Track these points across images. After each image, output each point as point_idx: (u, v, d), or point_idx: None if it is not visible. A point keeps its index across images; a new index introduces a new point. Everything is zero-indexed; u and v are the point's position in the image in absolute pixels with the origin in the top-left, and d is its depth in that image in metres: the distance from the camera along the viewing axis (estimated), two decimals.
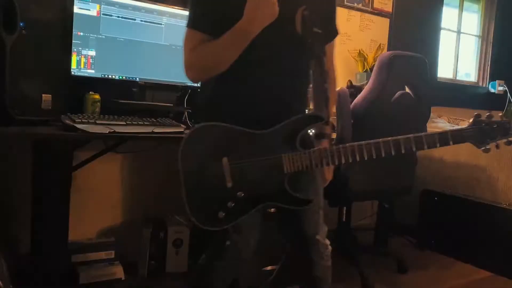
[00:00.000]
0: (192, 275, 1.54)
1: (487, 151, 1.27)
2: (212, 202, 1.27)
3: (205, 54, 1.31)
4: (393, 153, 1.29)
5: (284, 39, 1.32)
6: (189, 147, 1.27)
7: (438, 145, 1.26)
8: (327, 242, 1.47)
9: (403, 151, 1.29)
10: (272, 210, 1.68)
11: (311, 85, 1.39)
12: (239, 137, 1.27)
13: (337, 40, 1.53)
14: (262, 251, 1.99)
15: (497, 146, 1.27)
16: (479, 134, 1.26)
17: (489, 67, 4.37)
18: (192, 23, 1.35)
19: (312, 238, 1.41)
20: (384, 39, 3.43)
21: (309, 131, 1.37)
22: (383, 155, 1.28)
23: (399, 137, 1.29)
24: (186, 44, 1.36)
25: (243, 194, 1.26)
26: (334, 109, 1.43)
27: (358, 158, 1.26)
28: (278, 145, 1.27)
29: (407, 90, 2.33)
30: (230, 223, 1.28)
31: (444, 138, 1.26)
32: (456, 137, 1.26)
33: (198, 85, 2.17)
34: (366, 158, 1.27)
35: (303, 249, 1.43)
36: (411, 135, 1.28)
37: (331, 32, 1.47)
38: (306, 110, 1.42)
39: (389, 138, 1.28)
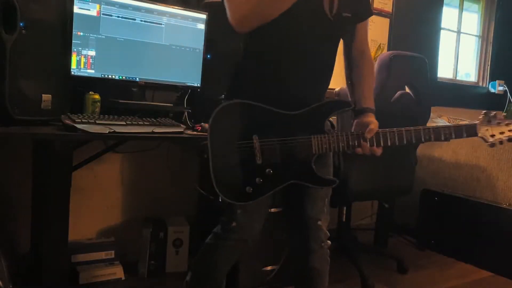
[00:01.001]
0: (197, 254, 1.54)
1: (492, 145, 1.33)
2: (240, 178, 1.31)
3: None
4: (413, 141, 1.34)
5: (313, 23, 1.33)
6: (218, 124, 1.31)
7: (453, 136, 1.34)
8: (328, 234, 1.48)
9: (423, 141, 1.35)
10: (273, 210, 1.70)
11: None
12: (268, 116, 1.31)
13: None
14: (262, 251, 2.00)
15: (501, 142, 1.33)
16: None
17: (489, 67, 4.37)
18: None
19: (313, 222, 1.43)
20: (384, 39, 3.43)
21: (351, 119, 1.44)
22: (404, 142, 1.33)
23: (421, 127, 1.35)
24: None
25: (271, 171, 1.31)
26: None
27: (382, 143, 1.34)
28: (306, 127, 1.32)
29: (407, 90, 2.33)
30: (256, 198, 1.32)
31: (459, 131, 1.33)
32: (470, 130, 1.34)
33: (198, 85, 2.18)
34: (389, 144, 1.34)
35: (303, 235, 1.44)
36: (430, 127, 1.35)
37: (363, 12, 1.46)
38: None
39: (412, 128, 1.34)
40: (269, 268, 2.10)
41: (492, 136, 1.33)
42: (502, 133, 1.33)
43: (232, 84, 1.47)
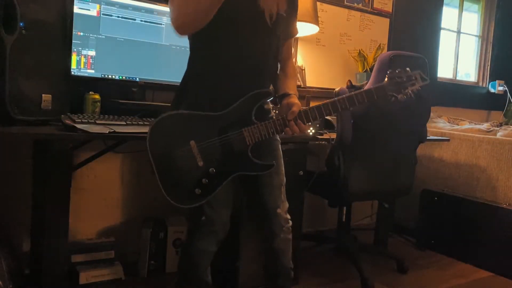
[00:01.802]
0: (179, 259, 1.68)
1: (402, 98, 1.48)
2: (187, 182, 1.42)
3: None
4: (332, 112, 1.46)
5: (254, 32, 1.45)
6: (156, 137, 1.41)
7: (366, 100, 1.45)
8: (288, 216, 1.61)
9: (340, 110, 1.46)
10: None
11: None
12: (201, 121, 1.43)
13: (337, 40, 1.61)
14: (262, 251, 2.00)
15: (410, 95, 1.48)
16: (395, 86, 1.47)
17: (489, 67, 4.37)
18: None
19: (273, 211, 1.56)
20: (384, 39, 3.43)
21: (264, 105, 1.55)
22: (325, 115, 1.47)
23: (336, 98, 1.46)
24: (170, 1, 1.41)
25: (214, 170, 1.42)
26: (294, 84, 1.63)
27: (305, 121, 1.45)
28: (237, 122, 1.43)
29: None
30: (207, 197, 1.43)
31: (370, 94, 1.45)
32: (379, 91, 1.46)
33: None
34: (312, 120, 1.46)
35: (265, 222, 1.58)
36: (343, 96, 1.46)
37: (293, 29, 1.62)
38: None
39: (328, 101, 1.46)
40: None
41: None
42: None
43: (177, 92, 1.56)
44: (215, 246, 1.58)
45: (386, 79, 1.47)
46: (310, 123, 1.57)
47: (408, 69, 1.49)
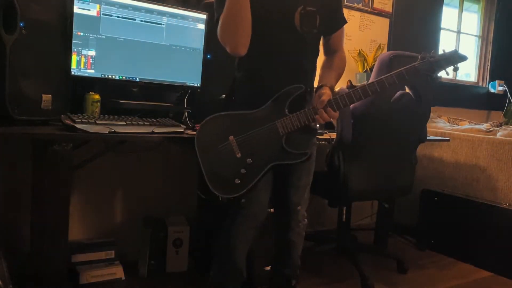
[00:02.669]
0: (216, 244, 1.74)
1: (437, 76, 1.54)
2: (228, 174, 1.53)
3: (222, 21, 1.50)
4: (363, 97, 1.51)
5: (285, 34, 1.56)
6: (201, 137, 1.56)
7: (396, 81, 1.49)
8: (305, 214, 1.74)
9: (370, 94, 1.51)
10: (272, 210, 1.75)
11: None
12: (239, 118, 1.56)
13: None
14: (262, 251, 2.00)
15: (447, 73, 1.54)
16: (428, 65, 1.50)
17: (489, 67, 4.37)
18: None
19: (294, 206, 1.69)
20: (384, 39, 3.43)
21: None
22: (355, 100, 1.52)
23: (365, 83, 1.53)
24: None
25: (251, 161, 1.52)
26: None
27: (335, 108, 1.50)
28: (271, 116, 1.54)
29: (407, 90, 2.33)
30: (247, 186, 1.53)
31: (401, 75, 1.50)
32: (410, 71, 1.50)
33: (198, 85, 2.18)
34: (342, 106, 1.51)
35: (285, 216, 1.71)
36: (373, 81, 1.52)
37: (335, 23, 1.72)
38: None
39: (358, 86, 1.53)
40: (269, 268, 2.10)
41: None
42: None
43: (231, 86, 1.71)
44: (253, 230, 1.66)
45: (418, 60, 1.51)
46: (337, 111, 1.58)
47: (444, 49, 1.53)
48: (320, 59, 1.73)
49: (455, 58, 1.51)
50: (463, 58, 1.51)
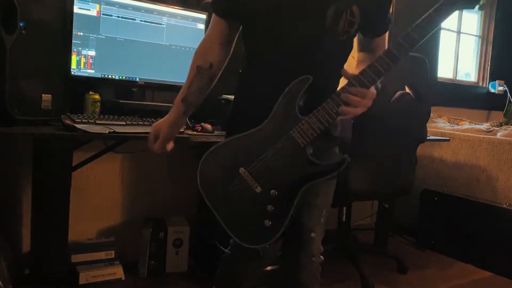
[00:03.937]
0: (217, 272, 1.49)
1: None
2: (253, 218, 1.19)
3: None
4: (386, 70, 1.22)
5: (312, 35, 1.23)
6: (205, 180, 1.24)
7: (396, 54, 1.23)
8: (321, 249, 1.36)
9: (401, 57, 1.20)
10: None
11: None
12: (244, 143, 1.21)
13: None
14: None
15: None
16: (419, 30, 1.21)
17: (489, 67, 4.37)
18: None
19: (307, 233, 1.30)
20: None
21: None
22: (383, 72, 1.21)
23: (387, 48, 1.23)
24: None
25: (276, 193, 1.17)
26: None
27: (366, 84, 1.18)
28: (282, 126, 1.16)
29: (407, 90, 2.33)
30: (282, 225, 1.16)
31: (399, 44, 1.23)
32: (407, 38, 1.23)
33: None
34: (375, 79, 1.21)
35: (294, 245, 1.32)
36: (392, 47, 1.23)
37: (380, 26, 1.41)
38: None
39: (381, 54, 1.23)
40: (269, 268, 2.10)
41: None
42: None
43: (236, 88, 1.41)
44: (260, 267, 1.42)
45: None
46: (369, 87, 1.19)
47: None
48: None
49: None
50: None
